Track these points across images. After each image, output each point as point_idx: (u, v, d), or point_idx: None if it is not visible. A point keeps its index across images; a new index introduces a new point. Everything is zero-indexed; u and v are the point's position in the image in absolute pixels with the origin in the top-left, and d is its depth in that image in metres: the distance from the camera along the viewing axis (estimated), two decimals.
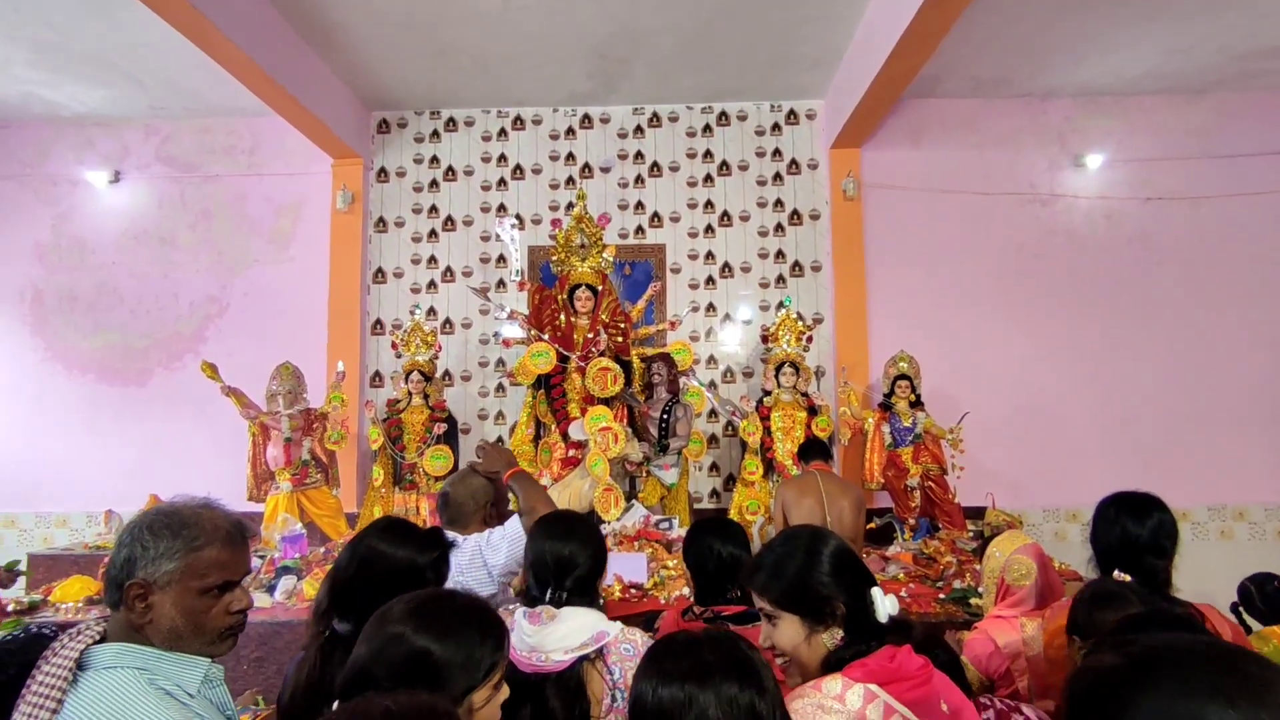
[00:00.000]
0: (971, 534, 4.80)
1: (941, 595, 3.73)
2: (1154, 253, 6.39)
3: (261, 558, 4.45)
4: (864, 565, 1.45)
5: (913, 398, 5.60)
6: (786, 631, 1.36)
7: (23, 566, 4.42)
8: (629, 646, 1.61)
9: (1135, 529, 1.98)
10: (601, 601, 1.72)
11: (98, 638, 1.22)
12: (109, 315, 6.61)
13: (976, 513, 5.50)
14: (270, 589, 4.02)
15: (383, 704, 0.91)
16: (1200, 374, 6.27)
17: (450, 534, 2.18)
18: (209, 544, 1.26)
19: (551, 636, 1.57)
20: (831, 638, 1.33)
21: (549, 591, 1.72)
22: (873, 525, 5.59)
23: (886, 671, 1.22)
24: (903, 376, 5.61)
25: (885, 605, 1.34)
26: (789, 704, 1.19)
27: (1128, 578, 1.94)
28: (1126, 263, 6.38)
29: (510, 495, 2.38)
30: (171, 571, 1.23)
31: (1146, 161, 6.46)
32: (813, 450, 3.75)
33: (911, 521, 5.35)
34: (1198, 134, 6.45)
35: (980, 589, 3.34)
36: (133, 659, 1.20)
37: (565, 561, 1.74)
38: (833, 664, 1.31)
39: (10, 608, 3.79)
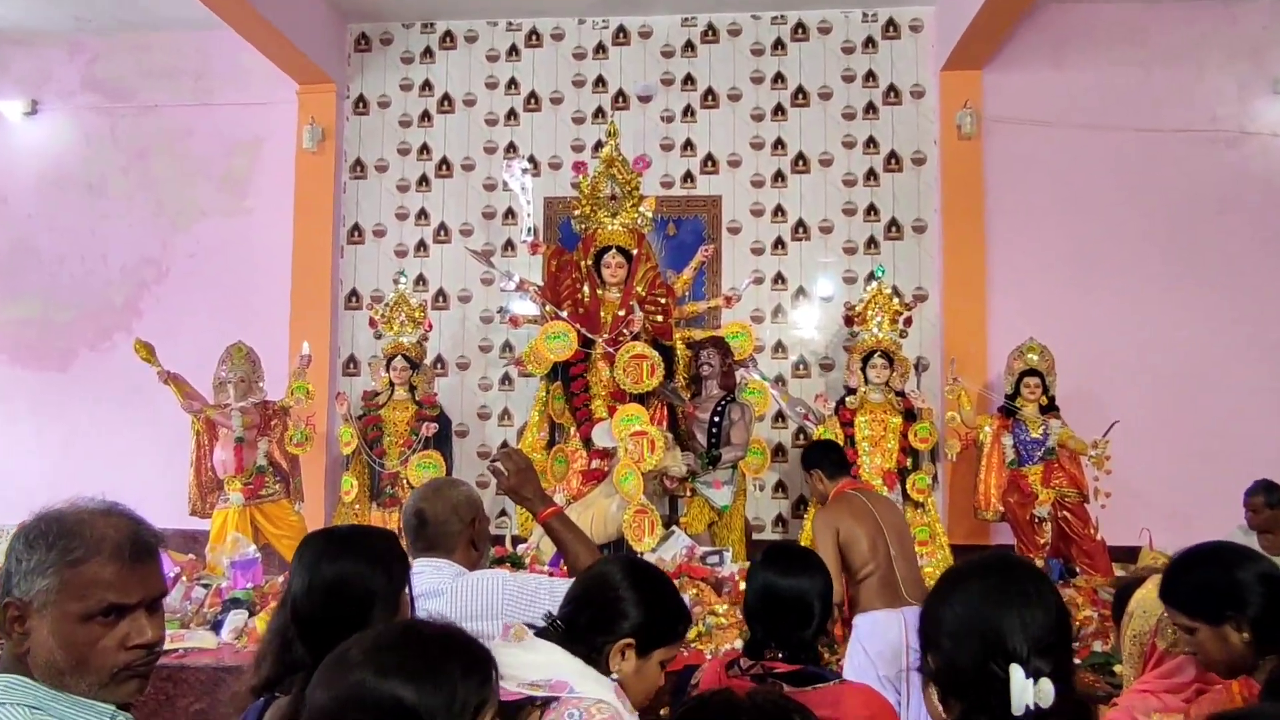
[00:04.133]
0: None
1: (1077, 660, 3.68)
2: None
3: (206, 587, 4.59)
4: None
5: (1044, 400, 5.50)
6: None
7: None
8: (575, 713, 1.60)
9: None
10: (613, 675, 1.72)
11: None
12: (23, 281, 6.86)
13: (1127, 554, 5.39)
14: (216, 626, 4.14)
15: None
16: None
17: (439, 561, 2.24)
18: (90, 557, 1.27)
19: (510, 659, 1.61)
20: None
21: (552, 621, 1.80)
22: None
23: None
24: (1031, 372, 5.51)
25: (1025, 694, 1.30)
26: None
27: None
28: None
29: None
30: (46, 590, 1.26)
31: None
32: (833, 460, 3.76)
33: (1039, 563, 5.26)
34: None
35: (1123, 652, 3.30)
36: (23, 695, 1.24)
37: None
38: None
39: None
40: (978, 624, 1.36)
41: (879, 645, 3.33)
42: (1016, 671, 1.29)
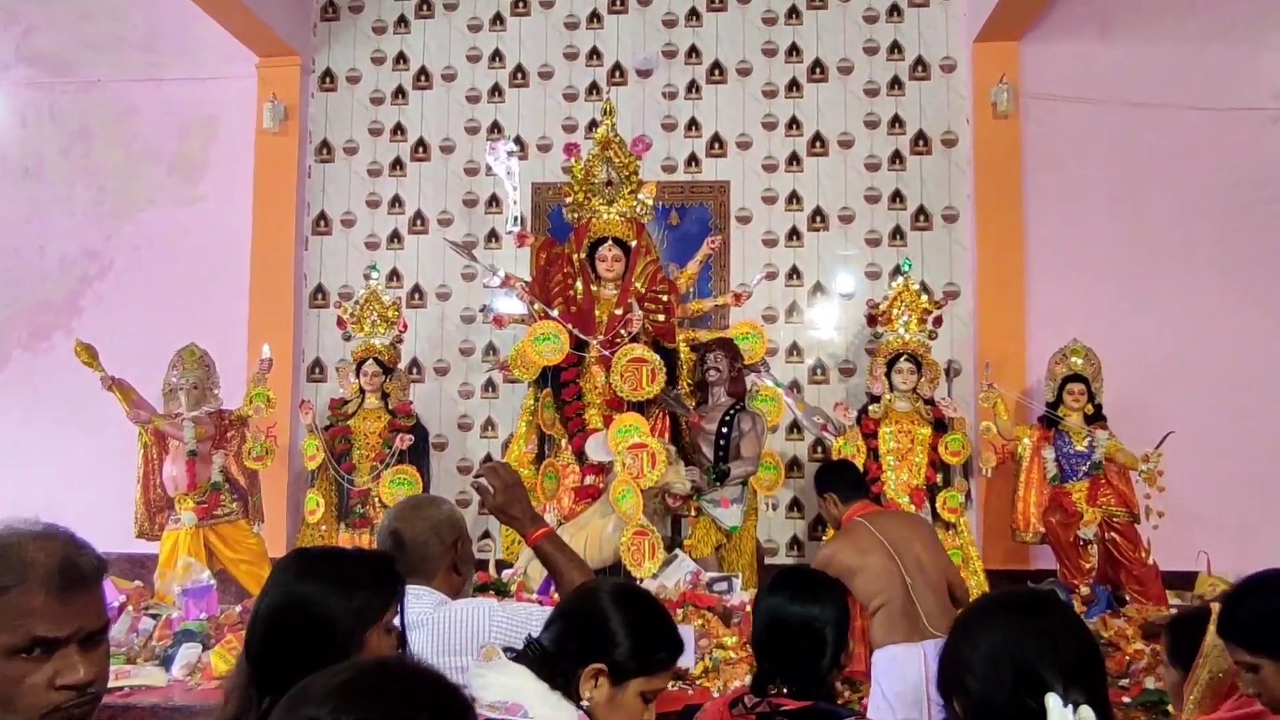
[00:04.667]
0: (1174, 610, 4.71)
1: (1127, 699, 3.68)
2: None
3: (154, 618, 4.59)
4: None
5: (1089, 409, 5.49)
6: None
7: None
8: None
9: None
10: (583, 703, 1.75)
11: None
12: None
13: (1182, 579, 5.39)
14: (166, 661, 4.14)
15: None
16: None
17: (418, 589, 2.23)
18: (15, 585, 1.27)
19: (477, 680, 1.67)
20: None
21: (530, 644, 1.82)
22: None
23: None
24: (1075, 378, 5.50)
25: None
26: None
27: None
28: None
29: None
30: None
31: None
32: (847, 482, 3.79)
33: (1085, 590, 5.26)
34: None
35: (1189, 694, 3.28)
36: None
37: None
38: None
39: None
40: (1007, 659, 1.39)
41: (897, 685, 3.33)
42: (1053, 700, 1.32)
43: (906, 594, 3.39)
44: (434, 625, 2.15)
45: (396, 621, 1.81)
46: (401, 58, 6.80)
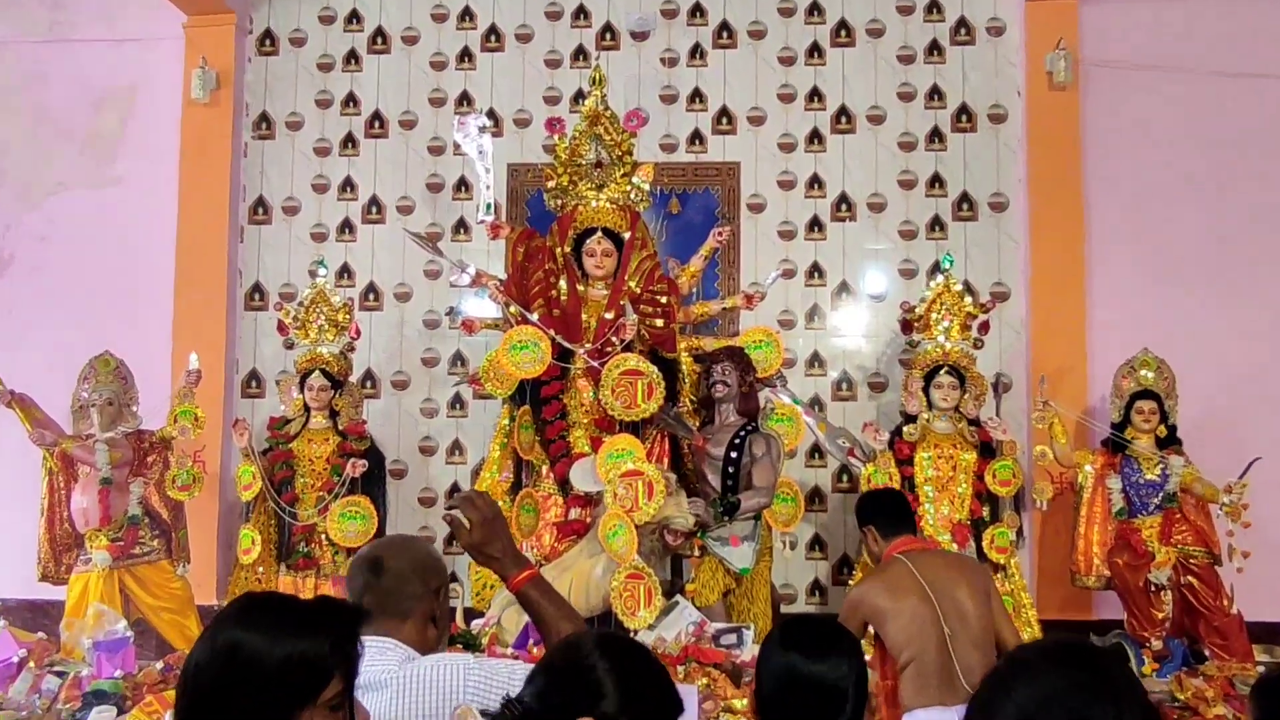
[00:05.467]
0: (1261, 669, 4.71)
1: None
2: None
3: (61, 675, 4.56)
4: None
5: (1162, 431, 5.50)
6: None
7: None
8: None
9: None
10: None
11: None
12: None
13: (1271, 632, 5.39)
14: None
15: None
16: None
17: (385, 641, 2.23)
18: None
19: None
20: None
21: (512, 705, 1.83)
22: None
23: None
24: (1145, 394, 5.51)
25: None
26: None
27: None
28: None
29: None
30: None
31: None
32: (887, 515, 3.79)
33: (1157, 644, 5.27)
34: None
35: None
36: None
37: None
38: None
39: None
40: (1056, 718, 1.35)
41: None
42: None
43: (943, 647, 3.38)
44: (400, 685, 2.14)
45: (361, 680, 1.79)
46: (354, 16, 6.80)
